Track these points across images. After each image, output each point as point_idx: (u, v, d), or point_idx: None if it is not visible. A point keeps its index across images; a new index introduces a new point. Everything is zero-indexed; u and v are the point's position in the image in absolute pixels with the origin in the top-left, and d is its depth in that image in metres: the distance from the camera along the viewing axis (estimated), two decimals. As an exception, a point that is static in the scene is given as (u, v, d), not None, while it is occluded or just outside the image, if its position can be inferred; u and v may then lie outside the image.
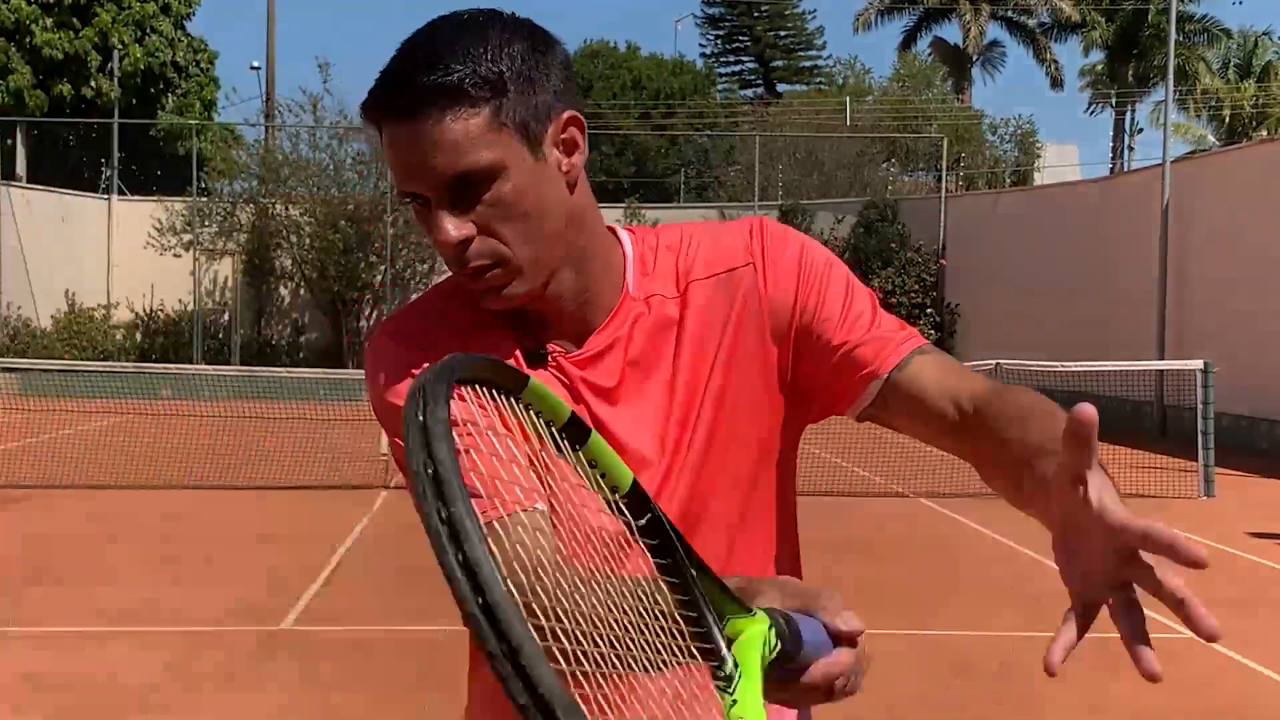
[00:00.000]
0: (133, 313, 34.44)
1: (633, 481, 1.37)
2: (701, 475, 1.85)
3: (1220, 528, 13.85)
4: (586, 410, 1.80)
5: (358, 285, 34.23)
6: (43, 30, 39.24)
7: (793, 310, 1.89)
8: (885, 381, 1.86)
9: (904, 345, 1.88)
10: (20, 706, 7.16)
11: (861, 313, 1.91)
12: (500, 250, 1.73)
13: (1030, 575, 11.35)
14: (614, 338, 1.84)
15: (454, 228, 1.70)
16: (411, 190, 1.72)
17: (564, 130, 1.76)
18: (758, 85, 62.99)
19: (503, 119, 1.68)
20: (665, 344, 1.85)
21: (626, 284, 1.87)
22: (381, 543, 12.53)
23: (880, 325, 1.90)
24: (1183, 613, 1.39)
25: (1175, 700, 7.64)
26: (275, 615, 9.38)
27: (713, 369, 1.86)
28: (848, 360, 1.88)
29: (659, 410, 1.84)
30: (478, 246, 1.72)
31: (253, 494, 15.63)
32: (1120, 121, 53.60)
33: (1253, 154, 25.64)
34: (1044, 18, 54.62)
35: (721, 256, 1.90)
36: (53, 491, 15.44)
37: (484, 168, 1.68)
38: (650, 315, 1.86)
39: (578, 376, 1.82)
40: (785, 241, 1.93)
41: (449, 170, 1.67)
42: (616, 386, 1.83)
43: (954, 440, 1.87)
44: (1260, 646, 8.79)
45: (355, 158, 34.77)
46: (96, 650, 8.40)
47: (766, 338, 1.89)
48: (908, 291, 32.71)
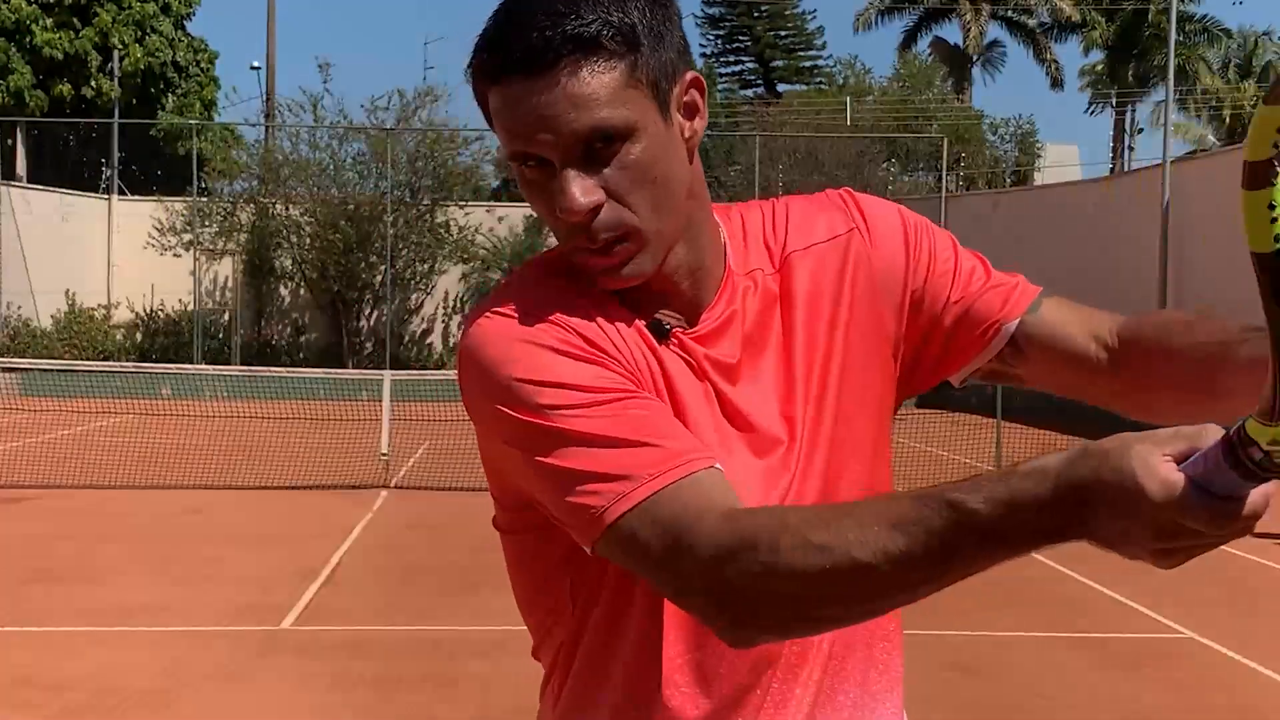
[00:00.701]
0: (133, 312, 34.44)
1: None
2: (834, 449, 1.76)
3: (1220, 528, 13.84)
4: (712, 388, 1.70)
5: (358, 285, 34.24)
6: (43, 30, 39.27)
7: (906, 271, 1.81)
8: (1018, 327, 1.80)
9: (1029, 290, 1.84)
10: (20, 707, 7.16)
11: (974, 268, 1.86)
12: (629, 220, 1.60)
13: (1030, 575, 11.34)
14: (729, 312, 1.73)
15: (582, 193, 1.57)
16: (533, 152, 1.58)
17: (686, 92, 1.67)
18: (758, 85, 62.95)
19: (637, 75, 1.57)
20: (772, 319, 1.76)
21: (729, 259, 1.77)
22: (381, 543, 12.53)
23: (997, 276, 1.86)
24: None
25: (1175, 700, 7.64)
26: (275, 615, 9.37)
27: (831, 339, 1.77)
28: (972, 312, 1.82)
29: (780, 386, 1.74)
30: (607, 215, 1.59)
31: (253, 494, 15.62)
32: (1120, 121, 53.65)
33: (1253, 154, 25.62)
34: (1044, 18, 54.66)
35: (818, 226, 1.82)
36: (53, 491, 15.43)
37: (619, 126, 1.56)
38: (757, 290, 1.76)
39: (701, 354, 1.70)
40: (884, 206, 1.86)
41: (583, 127, 1.55)
42: (738, 364, 1.72)
43: (1106, 378, 1.79)
44: (1261, 646, 8.79)
45: (355, 158, 34.78)
46: (97, 650, 8.40)
47: (879, 301, 1.80)
48: (908, 291, 32.68)
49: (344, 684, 7.63)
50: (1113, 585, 10.74)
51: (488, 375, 1.62)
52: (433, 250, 34.41)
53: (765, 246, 1.80)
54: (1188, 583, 11.14)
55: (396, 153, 34.10)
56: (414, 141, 34.60)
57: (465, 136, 35.23)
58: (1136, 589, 10.58)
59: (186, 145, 38.63)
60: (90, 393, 28.05)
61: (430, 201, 34.33)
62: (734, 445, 1.70)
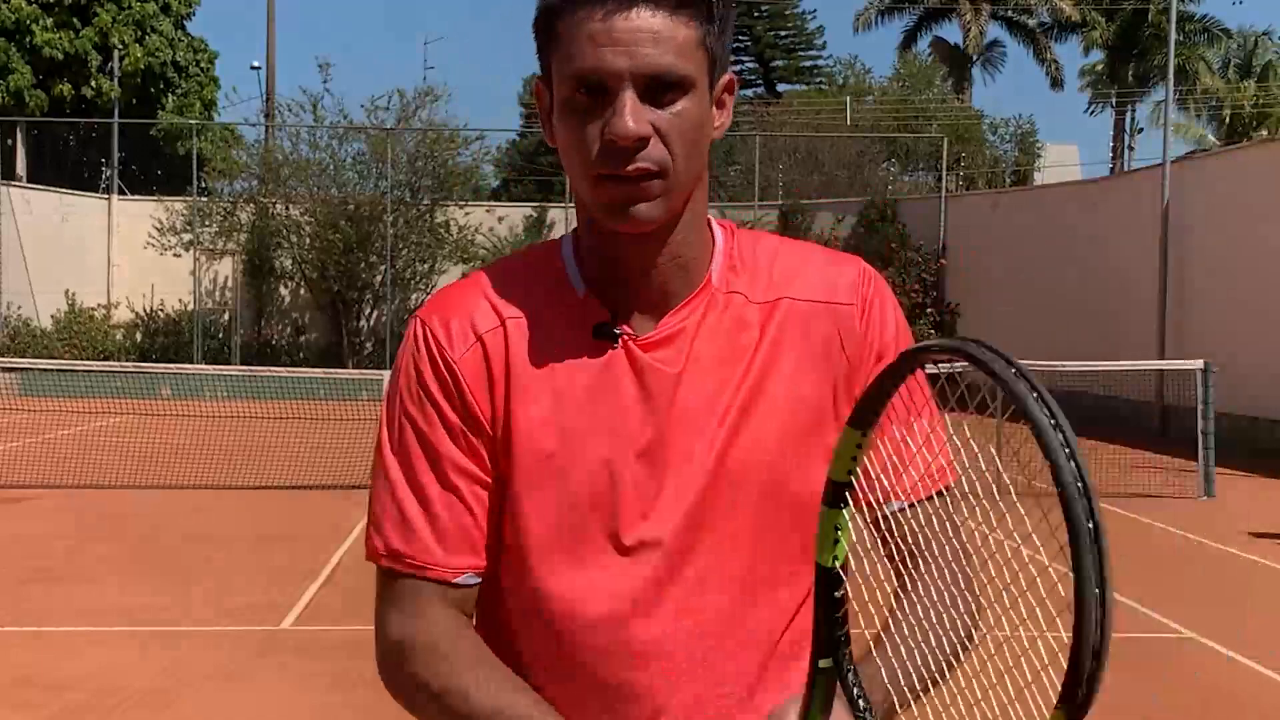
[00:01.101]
0: (133, 312, 34.41)
1: None
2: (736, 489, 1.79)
3: (1220, 528, 13.86)
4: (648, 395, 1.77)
5: (358, 285, 34.22)
6: (43, 30, 39.27)
7: (869, 373, 1.80)
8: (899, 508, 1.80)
9: (937, 480, 1.82)
10: (20, 707, 7.16)
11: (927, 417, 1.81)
12: (667, 161, 1.68)
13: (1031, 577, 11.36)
14: (685, 323, 1.79)
15: (636, 120, 1.65)
16: (604, 68, 1.65)
17: (726, 88, 1.78)
18: (758, 85, 62.96)
19: (707, 44, 1.69)
20: (742, 348, 1.80)
21: (711, 272, 1.83)
22: (381, 543, 12.53)
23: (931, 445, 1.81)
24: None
25: (1175, 699, 7.65)
26: (275, 615, 9.38)
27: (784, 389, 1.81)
28: None
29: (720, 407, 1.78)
30: (652, 149, 1.67)
31: (253, 494, 15.63)
32: (1120, 121, 53.63)
33: (1253, 154, 25.64)
34: (1044, 17, 54.63)
35: (827, 286, 1.85)
36: (52, 491, 15.44)
37: (685, 75, 1.67)
38: (727, 311, 1.81)
39: (644, 361, 1.77)
40: (893, 303, 1.90)
41: (656, 64, 1.65)
42: (680, 373, 1.77)
43: None
44: (1260, 646, 8.79)
45: (355, 157, 34.72)
46: (97, 650, 8.40)
47: (839, 380, 1.83)
48: (908, 291, 32.67)
49: (344, 684, 7.63)
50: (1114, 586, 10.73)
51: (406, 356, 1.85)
52: (433, 250, 34.39)
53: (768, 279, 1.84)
54: (1188, 583, 11.15)
55: (396, 153, 34.07)
56: (414, 141, 34.57)
57: (465, 136, 35.22)
58: (1138, 588, 10.58)
59: (186, 145, 38.59)
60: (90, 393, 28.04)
61: (430, 201, 34.30)
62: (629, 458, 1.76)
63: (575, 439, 1.76)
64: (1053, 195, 31.85)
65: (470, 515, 1.78)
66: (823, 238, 34.42)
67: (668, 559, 1.76)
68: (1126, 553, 12.58)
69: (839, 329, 1.83)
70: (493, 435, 1.79)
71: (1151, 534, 13.71)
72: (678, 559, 1.76)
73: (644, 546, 1.76)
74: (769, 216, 35.30)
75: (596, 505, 1.76)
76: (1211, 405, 16.73)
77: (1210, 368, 16.93)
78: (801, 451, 1.80)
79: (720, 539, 1.78)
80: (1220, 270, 23.70)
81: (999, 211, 32.35)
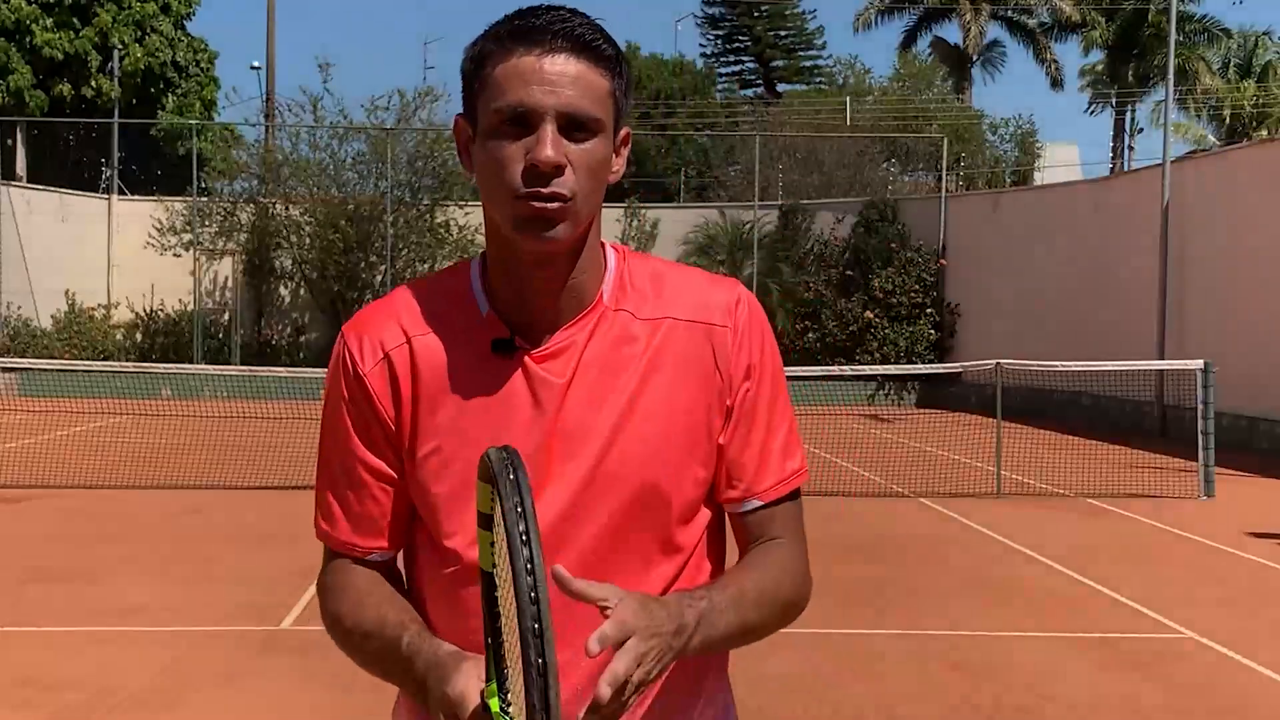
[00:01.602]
0: (133, 312, 34.39)
1: None
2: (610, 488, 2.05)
3: (1220, 528, 13.86)
4: (537, 402, 2.03)
5: (358, 285, 34.20)
6: (43, 30, 39.25)
7: (738, 389, 2.11)
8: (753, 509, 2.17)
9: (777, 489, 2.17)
10: (20, 707, 7.16)
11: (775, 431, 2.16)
12: (575, 190, 1.93)
13: (1029, 575, 11.36)
14: (575, 338, 2.04)
15: (555, 150, 1.90)
16: (530, 103, 1.90)
17: (624, 140, 2.06)
18: (758, 85, 62.91)
19: (615, 95, 1.97)
20: (626, 359, 2.05)
21: (602, 291, 2.07)
22: (381, 543, 12.52)
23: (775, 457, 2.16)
24: None
25: (1176, 700, 7.65)
26: (275, 615, 9.38)
27: (663, 399, 2.06)
28: (737, 467, 2.14)
29: (603, 413, 2.04)
30: (567, 178, 1.92)
31: (253, 494, 15.63)
32: (1120, 121, 53.56)
33: (1253, 154, 25.62)
34: (1044, 17, 54.54)
35: (705, 308, 2.10)
36: (52, 491, 15.44)
37: (597, 119, 1.93)
38: (613, 328, 2.06)
39: (535, 371, 2.03)
40: (762, 325, 2.16)
41: (576, 105, 1.91)
42: (567, 383, 2.03)
43: None
44: (1261, 646, 8.79)
45: (355, 157, 34.71)
46: (97, 650, 8.40)
47: (714, 395, 2.09)
48: (908, 291, 32.68)
49: (344, 684, 7.62)
50: (1114, 586, 10.74)
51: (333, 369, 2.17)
52: (433, 250, 34.37)
53: (656, 299, 2.10)
54: (1189, 584, 11.15)
55: (396, 152, 34.06)
56: (414, 141, 34.57)
57: (465, 136, 35.16)
58: (1139, 589, 10.58)
59: (186, 145, 38.56)
60: (90, 393, 28.07)
61: (430, 201, 34.29)
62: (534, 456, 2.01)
63: (472, 442, 2.01)
64: (1053, 195, 31.83)
65: (378, 506, 2.13)
66: (823, 238, 34.46)
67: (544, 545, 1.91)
68: (1127, 553, 12.60)
69: (714, 348, 2.09)
70: (399, 439, 2.09)
71: (1151, 534, 13.71)
72: (553, 544, 1.97)
73: None
74: (769, 216, 35.32)
75: None
76: (1212, 405, 16.72)
77: (1210, 368, 16.92)
78: (675, 458, 2.07)
79: (591, 530, 2.04)
80: (1220, 270, 23.70)
81: (999, 212, 32.33)
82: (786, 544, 2.18)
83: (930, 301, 32.90)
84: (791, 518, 2.20)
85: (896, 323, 32.68)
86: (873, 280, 32.86)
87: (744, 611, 2.02)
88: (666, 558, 2.10)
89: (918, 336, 32.58)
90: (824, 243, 34.42)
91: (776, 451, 2.15)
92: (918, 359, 31.54)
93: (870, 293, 32.84)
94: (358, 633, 2.09)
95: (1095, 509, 15.40)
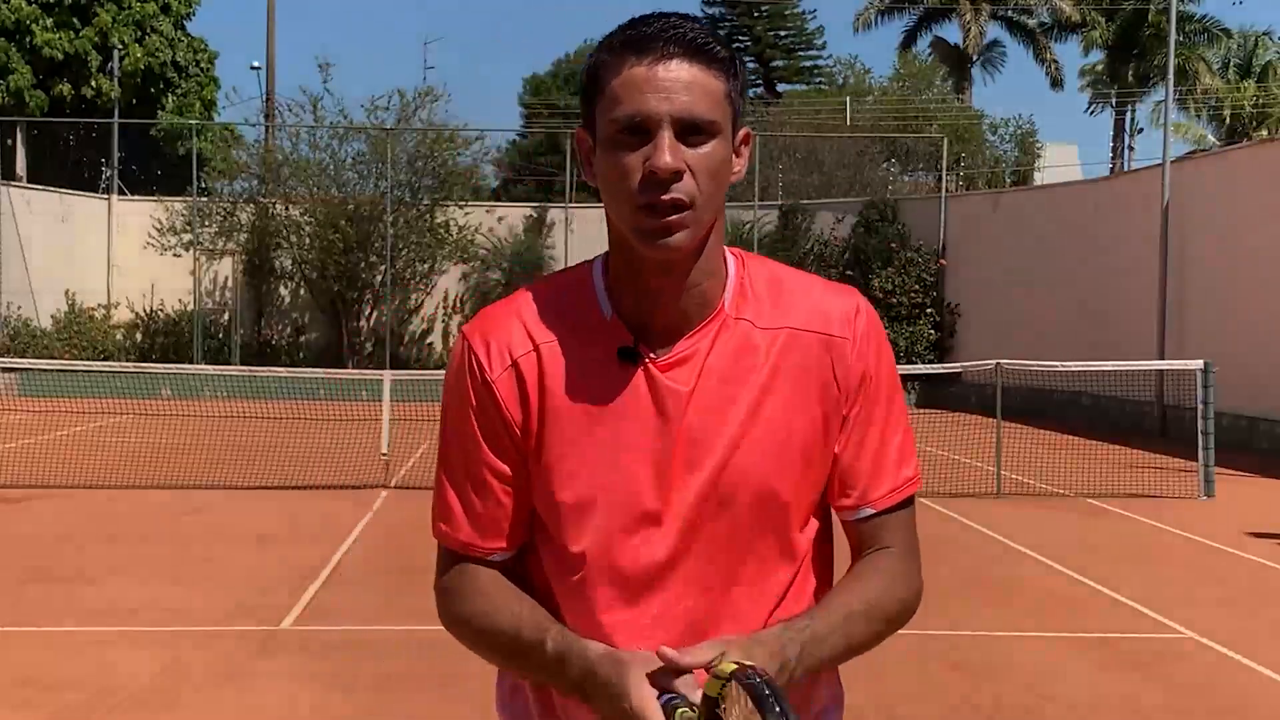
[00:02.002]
0: (133, 312, 34.38)
1: None
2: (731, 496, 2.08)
3: (1220, 527, 13.86)
4: (662, 410, 2.06)
5: (358, 285, 34.20)
6: (43, 30, 39.25)
7: (855, 398, 2.13)
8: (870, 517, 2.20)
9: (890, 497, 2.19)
10: (20, 706, 7.16)
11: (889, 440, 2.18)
12: (695, 194, 1.94)
13: (1029, 575, 11.35)
14: (697, 347, 2.06)
15: (673, 156, 1.91)
16: (646, 111, 1.92)
17: (744, 140, 2.06)
18: (758, 85, 62.86)
19: (731, 97, 1.98)
20: (747, 370, 2.07)
21: (724, 299, 2.08)
22: (381, 543, 12.53)
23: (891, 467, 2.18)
24: None
25: (1176, 700, 7.65)
26: (275, 615, 9.37)
27: (781, 410, 2.08)
28: (851, 474, 2.16)
29: (724, 423, 2.06)
30: (685, 182, 1.93)
31: (253, 494, 15.62)
32: (1120, 121, 53.57)
33: (1253, 154, 25.62)
34: (1044, 17, 54.54)
35: (823, 318, 2.12)
36: (52, 491, 15.44)
37: (714, 121, 1.94)
38: (735, 337, 2.07)
39: (660, 381, 2.05)
40: (879, 334, 2.18)
41: (693, 110, 1.92)
42: (691, 392, 2.05)
43: None
44: (1261, 646, 8.79)
45: (355, 157, 34.70)
46: (97, 650, 8.40)
47: (830, 406, 2.11)
48: (908, 291, 32.68)
49: (344, 683, 7.63)
50: (1114, 586, 10.74)
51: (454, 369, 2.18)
52: (433, 250, 34.36)
53: (774, 307, 2.11)
54: (1189, 584, 11.15)
55: (396, 153, 34.05)
56: (414, 141, 34.56)
57: (465, 136, 35.24)
58: (1139, 589, 10.58)
59: (186, 145, 38.54)
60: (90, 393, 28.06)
61: (430, 201, 34.28)
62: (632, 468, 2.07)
63: (597, 450, 2.06)
64: (1053, 195, 31.83)
65: (500, 508, 2.14)
66: (823, 238, 34.46)
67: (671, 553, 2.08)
68: (1127, 553, 12.60)
69: (833, 359, 2.10)
70: (525, 444, 2.11)
71: (1151, 534, 13.71)
72: (680, 552, 2.08)
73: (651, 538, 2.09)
74: (769, 216, 35.31)
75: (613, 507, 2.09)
76: (1211, 405, 16.72)
77: (1210, 368, 16.91)
78: (794, 467, 2.10)
79: (715, 538, 2.09)
80: (1220, 270, 23.69)
81: (999, 211, 32.33)
82: (897, 553, 2.21)
83: (930, 301, 32.90)
84: (903, 525, 2.22)
85: (896, 323, 32.65)
86: (872, 280, 32.84)
87: (851, 630, 2.08)
88: (785, 563, 2.16)
89: (917, 336, 32.58)
90: (824, 243, 34.43)
91: (891, 460, 2.18)
92: (917, 359, 31.51)
93: (870, 293, 32.74)
94: (492, 632, 2.13)
95: (1095, 509, 15.40)
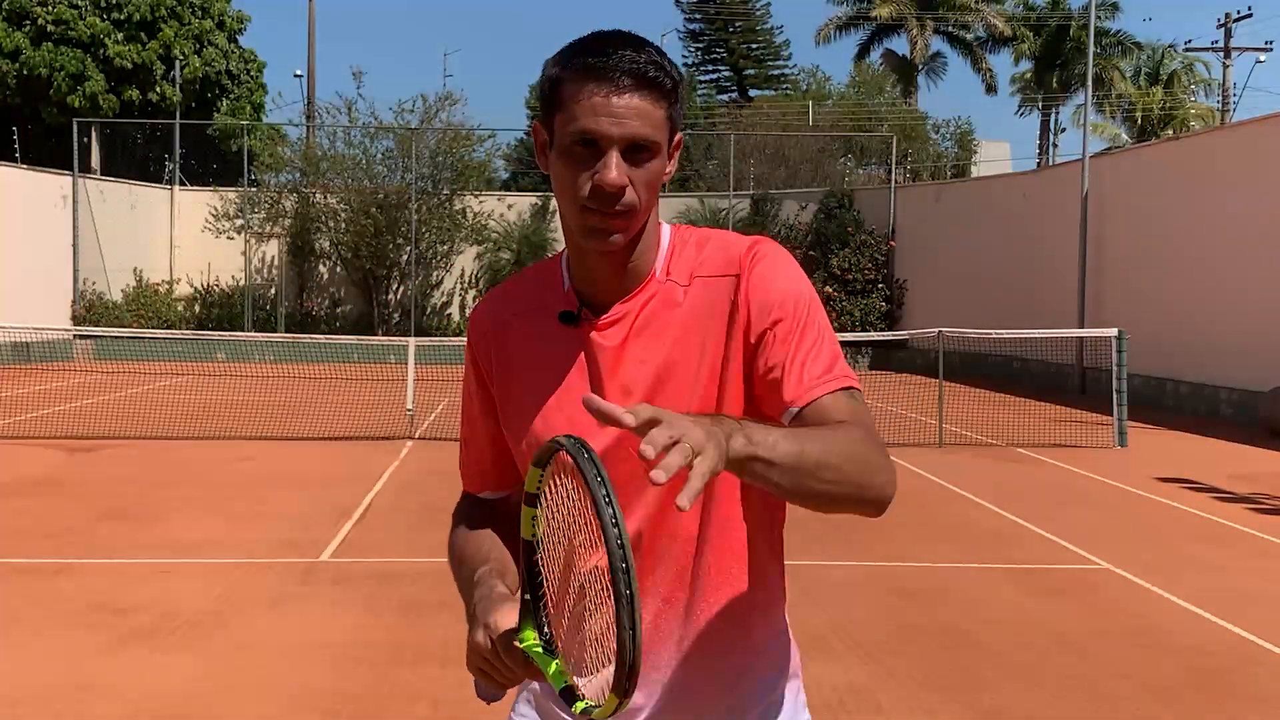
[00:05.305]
0: (192, 287, 34.31)
1: None
2: None
3: (1133, 474, 13.87)
4: (593, 362, 2.06)
5: (386, 264, 34.12)
6: (115, 44, 38.93)
7: (762, 324, 2.01)
8: (799, 410, 1.96)
9: (827, 385, 1.98)
10: (93, 628, 7.14)
11: (804, 355, 1.99)
12: (636, 202, 1.96)
13: (966, 514, 11.35)
14: (629, 308, 2.05)
15: (619, 173, 1.92)
16: (598, 131, 1.91)
17: (677, 146, 2.05)
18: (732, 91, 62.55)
19: (671, 118, 1.99)
20: (668, 321, 2.05)
21: (655, 267, 2.08)
22: (407, 486, 12.51)
23: (814, 366, 1.99)
24: None
25: (1092, 622, 7.64)
26: (315, 549, 9.35)
27: (696, 348, 2.03)
28: (776, 385, 1.99)
29: (647, 368, 2.04)
30: (629, 195, 1.94)
31: (295, 444, 15.59)
32: (1046, 122, 53.47)
33: (1161, 150, 25.59)
34: (980, 32, 54.25)
35: (726, 261, 2.07)
36: (122, 442, 15.40)
37: (656, 141, 1.95)
38: (661, 295, 2.06)
39: (594, 338, 2.06)
40: (777, 264, 2.07)
41: (639, 133, 1.92)
42: (621, 345, 2.04)
43: None
44: (1166, 575, 8.80)
45: (384, 153, 34.59)
46: (160, 579, 8.37)
47: (737, 335, 2.02)
48: (862, 269, 32.66)
49: (374, 608, 7.61)
50: (1040, 524, 10.74)
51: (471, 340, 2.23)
52: (451, 233, 34.28)
53: (691, 264, 2.08)
54: (1104, 522, 11.15)
55: (420, 149, 33.91)
56: (435, 139, 34.40)
57: (480, 135, 35.09)
58: (1062, 526, 10.58)
59: (238, 143, 38.46)
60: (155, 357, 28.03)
61: (449, 191, 34.18)
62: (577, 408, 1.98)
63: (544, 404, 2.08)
64: (987, 186, 31.81)
65: (485, 455, 2.23)
66: (789, 223, 34.38)
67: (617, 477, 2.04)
68: (1051, 495, 12.59)
69: (734, 292, 2.03)
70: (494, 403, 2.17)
71: (1072, 479, 13.71)
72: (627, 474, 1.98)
73: None
74: (742, 204, 35.26)
75: None
76: (1124, 368, 16.72)
77: (1124, 335, 16.91)
78: (709, 399, 2.01)
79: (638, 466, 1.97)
80: (1132, 250, 23.69)
81: (941, 200, 32.28)
82: (851, 423, 1.94)
83: (881, 278, 32.87)
84: (847, 409, 1.96)
85: (852, 296, 32.64)
86: (832, 259, 32.81)
87: (803, 442, 1.76)
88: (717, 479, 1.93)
89: (870, 308, 32.54)
90: (790, 227, 34.35)
91: (809, 362, 1.96)
92: (870, 328, 31.50)
93: (829, 270, 32.77)
94: (454, 558, 2.19)
95: (1024, 457, 15.40)
